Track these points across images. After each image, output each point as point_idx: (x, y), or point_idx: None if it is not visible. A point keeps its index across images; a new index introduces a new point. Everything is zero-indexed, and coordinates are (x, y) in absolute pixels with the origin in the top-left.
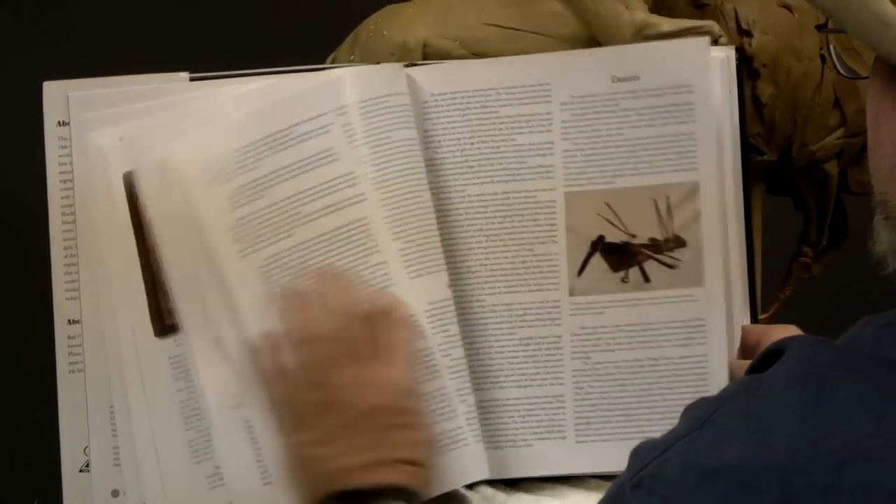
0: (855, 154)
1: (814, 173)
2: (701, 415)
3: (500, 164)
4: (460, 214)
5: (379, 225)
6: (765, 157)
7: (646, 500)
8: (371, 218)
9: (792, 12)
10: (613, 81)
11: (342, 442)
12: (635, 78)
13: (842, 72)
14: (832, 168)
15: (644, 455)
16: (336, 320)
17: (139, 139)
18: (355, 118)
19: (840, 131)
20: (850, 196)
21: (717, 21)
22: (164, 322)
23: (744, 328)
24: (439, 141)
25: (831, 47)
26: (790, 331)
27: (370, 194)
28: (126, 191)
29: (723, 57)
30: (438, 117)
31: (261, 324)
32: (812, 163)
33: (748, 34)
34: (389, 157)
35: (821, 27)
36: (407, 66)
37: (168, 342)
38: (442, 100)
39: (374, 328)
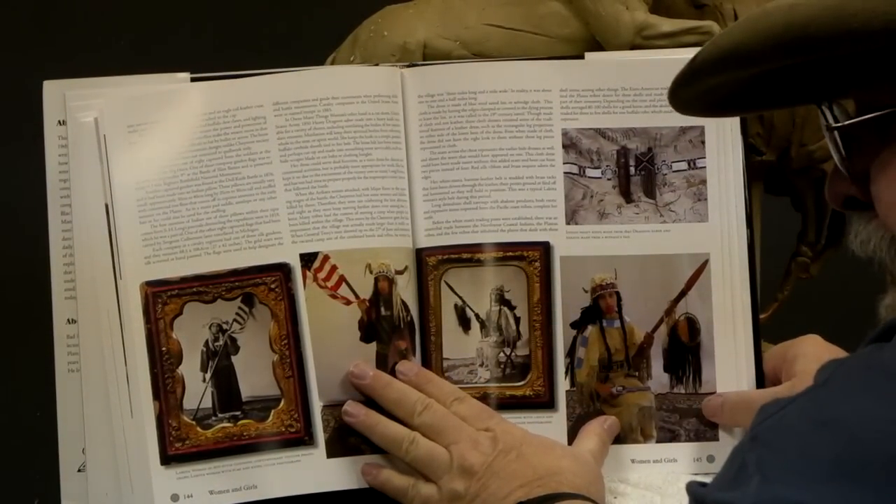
0: None
1: (812, 173)
2: (824, 375)
3: None
4: None
5: None
6: (763, 157)
7: (761, 451)
8: None
9: None
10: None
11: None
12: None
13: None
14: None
15: (766, 410)
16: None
17: None
18: None
19: None
20: None
21: (717, 21)
22: None
23: (766, 354)
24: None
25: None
26: (814, 342)
27: None
28: None
29: None
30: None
31: None
32: (810, 163)
33: None
34: None
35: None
36: (405, 66)
37: None
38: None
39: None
